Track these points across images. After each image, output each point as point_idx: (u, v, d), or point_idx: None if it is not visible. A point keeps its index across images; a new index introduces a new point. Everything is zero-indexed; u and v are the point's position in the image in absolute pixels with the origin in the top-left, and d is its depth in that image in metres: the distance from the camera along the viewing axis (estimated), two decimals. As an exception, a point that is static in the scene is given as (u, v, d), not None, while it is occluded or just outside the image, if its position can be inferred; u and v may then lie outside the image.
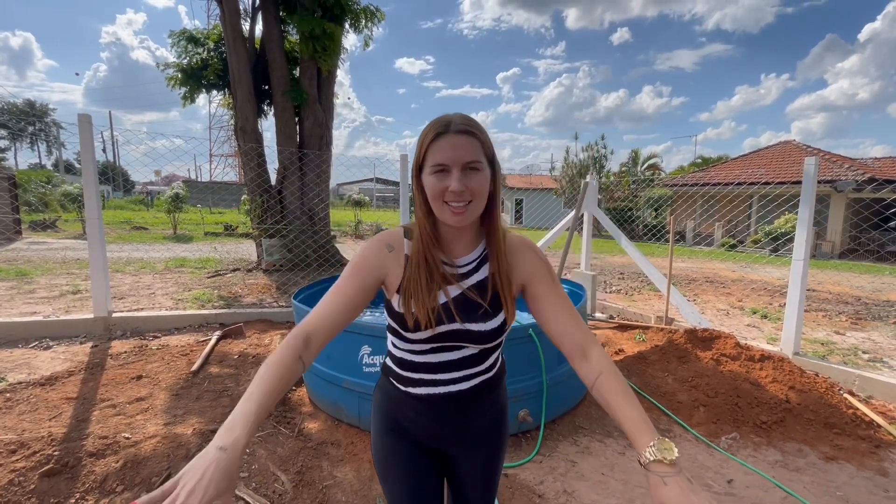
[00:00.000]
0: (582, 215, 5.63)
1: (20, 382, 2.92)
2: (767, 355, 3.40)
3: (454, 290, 0.96)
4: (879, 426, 2.80)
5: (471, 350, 0.99)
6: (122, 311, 4.43)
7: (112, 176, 37.22)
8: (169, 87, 7.66)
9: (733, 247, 15.07)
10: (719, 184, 15.18)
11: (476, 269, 0.98)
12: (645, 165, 24.16)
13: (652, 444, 0.74)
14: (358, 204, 18.19)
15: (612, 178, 21.21)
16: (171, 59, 7.68)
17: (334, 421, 2.73)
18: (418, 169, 0.93)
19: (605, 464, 2.44)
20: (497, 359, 1.08)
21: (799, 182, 3.77)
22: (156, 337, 3.95)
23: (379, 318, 4.11)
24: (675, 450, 0.73)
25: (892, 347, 4.53)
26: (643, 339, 4.17)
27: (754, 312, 5.92)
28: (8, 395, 2.74)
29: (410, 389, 1.03)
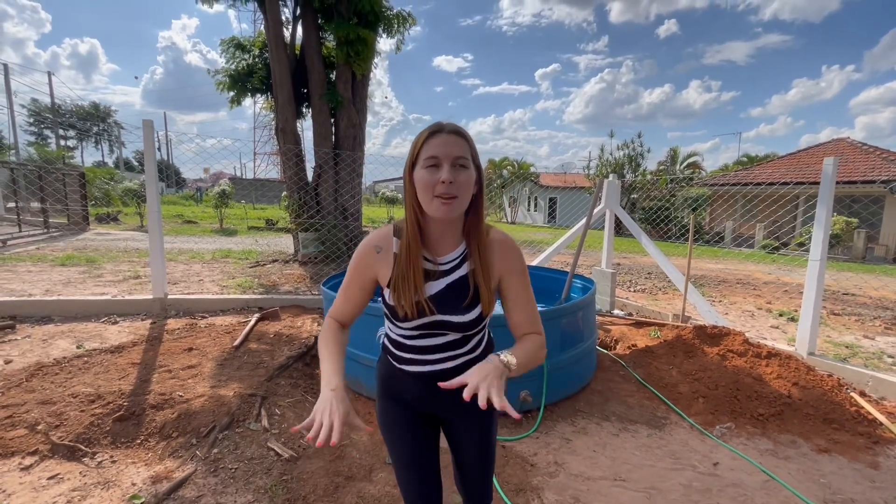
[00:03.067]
0: (603, 213, 5.73)
1: (95, 349, 3.44)
2: (775, 352, 3.46)
3: (437, 286, 1.09)
4: (881, 424, 2.83)
5: (453, 336, 1.13)
6: (176, 294, 4.97)
7: (166, 173, 39.83)
8: (218, 91, 8.31)
9: (776, 249, 14.44)
10: (761, 183, 14.58)
11: (458, 266, 1.10)
12: (684, 164, 23.39)
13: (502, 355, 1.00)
14: (390, 201, 18.71)
15: (648, 177, 20.70)
16: (221, 62, 8.32)
17: (354, 394, 3.06)
18: (411, 166, 1.04)
19: (598, 442, 2.64)
20: (481, 340, 1.19)
21: (851, 182, 3.76)
22: (204, 317, 4.44)
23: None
24: (513, 360, 1.00)
25: (924, 353, 4.39)
26: (658, 336, 4.27)
27: (781, 315, 5.82)
28: (85, 358, 3.25)
29: (404, 367, 1.18)
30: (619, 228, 6.39)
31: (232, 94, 8.21)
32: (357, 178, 7.83)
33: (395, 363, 1.21)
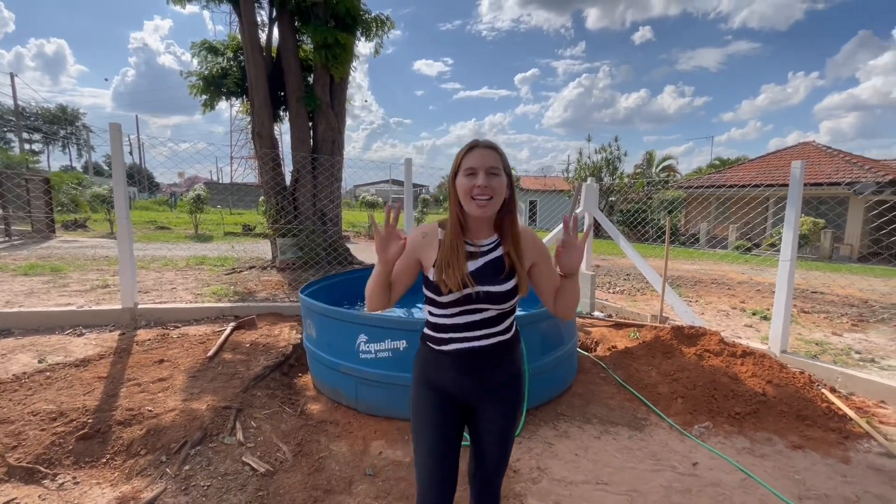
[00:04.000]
0: (582, 217, 5.79)
1: (58, 363, 3.27)
2: (749, 351, 3.53)
3: (476, 264, 1.31)
4: (851, 419, 2.91)
5: (490, 312, 1.32)
6: (146, 304, 4.79)
7: (138, 178, 38.64)
8: (191, 94, 8.09)
9: (748, 249, 14.89)
10: (733, 185, 15.04)
11: (493, 249, 1.34)
12: (660, 167, 23.95)
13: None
14: (371, 205, 18.56)
15: (625, 180, 21.11)
16: (195, 65, 8.10)
17: (334, 403, 2.99)
18: (454, 175, 1.30)
19: (580, 446, 2.63)
20: (512, 324, 1.39)
21: (817, 184, 3.88)
22: (176, 327, 4.28)
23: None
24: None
25: (888, 349, 4.57)
26: (637, 337, 4.33)
27: (754, 313, 5.98)
28: (48, 373, 3.08)
29: (444, 347, 1.35)
30: (598, 231, 6.46)
31: (205, 97, 8.00)
32: (336, 182, 7.73)
33: (433, 346, 1.37)
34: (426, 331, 1.41)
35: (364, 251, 11.83)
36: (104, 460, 2.19)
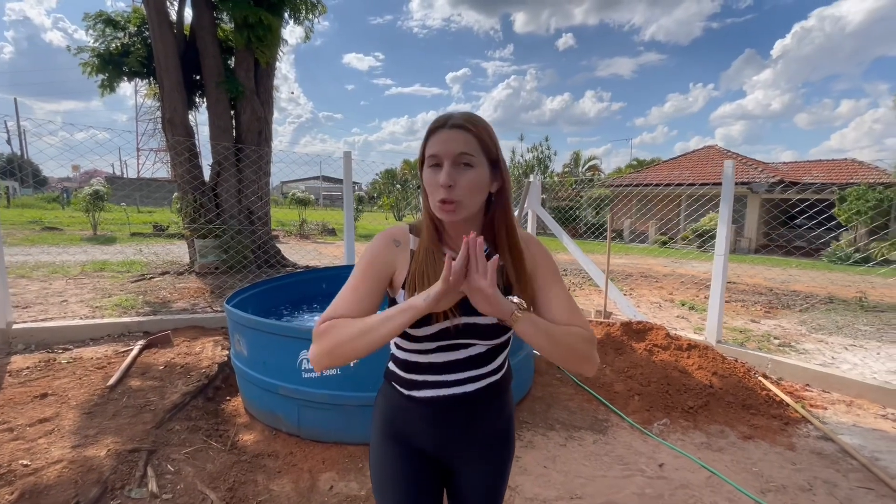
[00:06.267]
0: (526, 214, 5.77)
1: None
2: (694, 344, 3.65)
3: None
4: (788, 405, 3.08)
5: (478, 349, 0.98)
6: (24, 322, 3.95)
7: (19, 171, 33.33)
8: (84, 73, 6.95)
9: (665, 244, 16.15)
10: (651, 184, 16.22)
11: None
12: (586, 167, 25.30)
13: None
14: (302, 202, 17.54)
15: (555, 179, 21.99)
16: (90, 40, 6.96)
17: (272, 431, 2.59)
18: (420, 165, 0.94)
19: (548, 456, 2.50)
20: (504, 361, 1.06)
21: (720, 183, 4.08)
22: (66, 349, 3.55)
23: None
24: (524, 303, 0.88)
25: (798, 333, 5.03)
26: (584, 333, 4.34)
27: (683, 304, 6.36)
28: None
29: (415, 393, 1.00)
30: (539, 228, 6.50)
31: (102, 77, 6.92)
32: (265, 176, 7.07)
33: (402, 391, 1.02)
34: (391, 367, 1.06)
35: (297, 251, 11.06)
36: (-46, 543, 1.65)
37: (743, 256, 13.77)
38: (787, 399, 3.13)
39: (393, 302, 0.98)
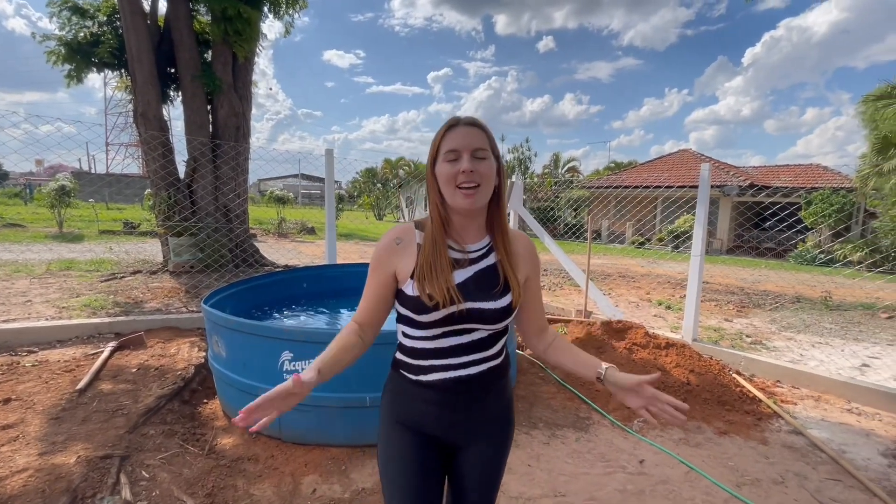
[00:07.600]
0: (508, 214, 5.81)
1: None
2: (672, 343, 3.74)
3: (464, 274, 1.06)
4: (760, 401, 3.19)
5: (481, 334, 1.07)
6: (-14, 323, 3.75)
7: (-23, 164, 31.71)
8: (49, 63, 6.64)
9: (642, 244, 16.52)
10: (629, 186, 16.56)
11: (485, 255, 1.09)
12: (565, 168, 25.65)
13: (603, 366, 1.06)
14: (281, 201, 17.22)
15: (535, 180, 22.23)
16: (55, 28, 6.66)
17: (251, 434, 2.52)
18: (433, 162, 1.05)
19: (531, 455, 2.51)
20: (504, 346, 1.15)
21: (695, 186, 4.20)
22: (31, 352, 3.39)
23: (302, 322, 3.89)
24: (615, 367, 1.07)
25: (769, 331, 5.21)
26: (565, 332, 4.39)
27: (660, 304, 6.51)
28: None
29: (422, 377, 1.09)
30: (520, 228, 6.56)
31: (69, 67, 6.63)
32: (242, 173, 6.91)
33: (409, 376, 1.11)
34: (399, 356, 1.14)
35: (275, 250, 10.85)
36: None
37: (715, 257, 14.19)
38: (760, 395, 3.23)
39: (399, 292, 1.07)
